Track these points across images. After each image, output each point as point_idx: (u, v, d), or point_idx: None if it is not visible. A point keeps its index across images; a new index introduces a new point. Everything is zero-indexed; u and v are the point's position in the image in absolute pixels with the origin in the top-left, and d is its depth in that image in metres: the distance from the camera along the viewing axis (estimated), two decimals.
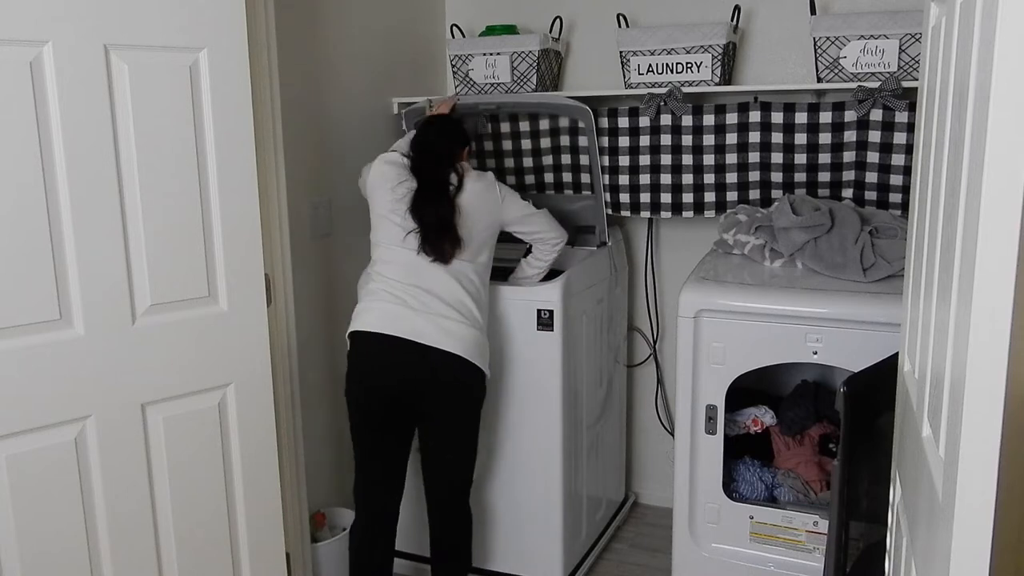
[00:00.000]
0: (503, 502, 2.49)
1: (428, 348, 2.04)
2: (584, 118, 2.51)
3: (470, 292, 2.11)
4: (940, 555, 0.84)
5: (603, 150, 2.60)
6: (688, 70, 2.50)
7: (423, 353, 2.04)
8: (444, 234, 2.06)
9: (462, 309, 2.08)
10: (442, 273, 2.08)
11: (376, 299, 2.09)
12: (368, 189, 2.18)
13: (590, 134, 2.54)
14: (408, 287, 2.07)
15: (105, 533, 1.73)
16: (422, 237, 2.06)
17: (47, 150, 1.56)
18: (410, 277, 2.08)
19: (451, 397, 2.13)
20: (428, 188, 2.09)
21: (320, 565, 2.40)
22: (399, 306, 2.06)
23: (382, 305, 2.07)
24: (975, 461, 0.75)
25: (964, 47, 0.90)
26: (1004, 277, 0.72)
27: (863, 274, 2.07)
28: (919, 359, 1.17)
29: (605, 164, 2.61)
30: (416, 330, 2.04)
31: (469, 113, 2.66)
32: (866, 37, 2.27)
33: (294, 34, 2.34)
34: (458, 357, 2.05)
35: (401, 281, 2.08)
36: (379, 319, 2.07)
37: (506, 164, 2.80)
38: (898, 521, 1.32)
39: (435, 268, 2.08)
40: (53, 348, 1.62)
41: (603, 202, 2.64)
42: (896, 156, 2.27)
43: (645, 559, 2.76)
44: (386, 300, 2.07)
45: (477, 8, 3.02)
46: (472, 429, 2.19)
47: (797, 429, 2.34)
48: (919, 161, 1.32)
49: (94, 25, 1.59)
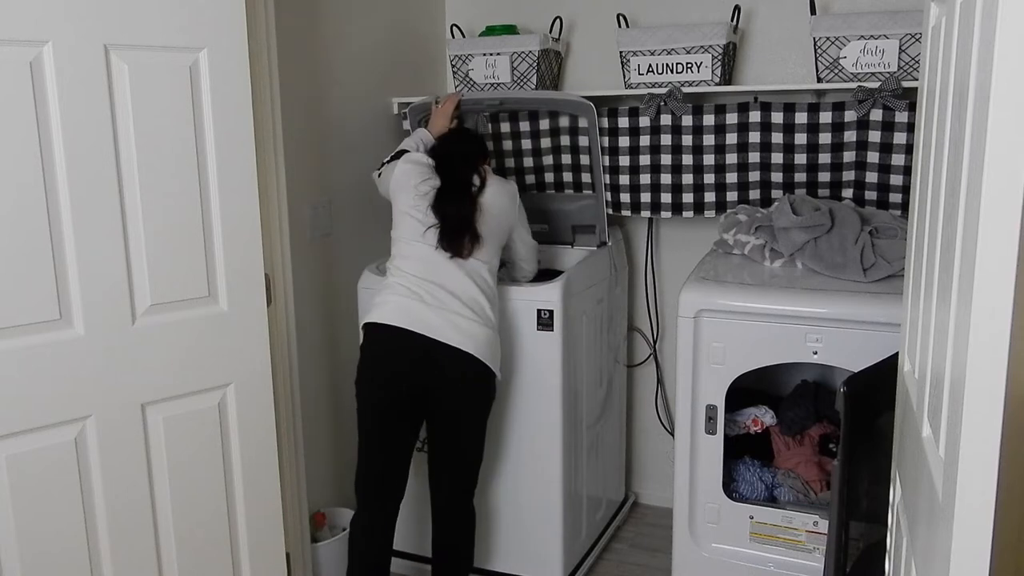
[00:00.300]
0: (503, 502, 2.49)
1: (439, 344, 2.05)
2: (586, 114, 2.51)
3: (484, 291, 2.14)
4: (940, 555, 0.84)
5: (603, 150, 2.60)
6: (688, 70, 2.50)
7: (434, 348, 2.06)
8: (463, 230, 2.12)
9: (475, 307, 2.11)
10: (457, 271, 2.11)
11: (392, 292, 2.11)
12: (392, 186, 2.21)
13: (592, 130, 2.54)
14: (424, 282, 2.09)
15: (105, 533, 1.73)
16: (441, 232, 2.11)
17: (47, 150, 1.56)
18: (427, 272, 2.10)
19: (459, 394, 2.13)
20: (451, 187, 2.15)
21: (320, 565, 2.40)
22: (414, 301, 2.08)
23: (397, 299, 2.10)
24: (975, 461, 0.75)
25: (964, 47, 0.90)
26: (1004, 277, 0.72)
27: (863, 274, 2.07)
28: (919, 359, 1.17)
29: (605, 164, 2.61)
30: (429, 325, 2.06)
31: (470, 112, 2.66)
32: (866, 37, 2.27)
33: (294, 34, 2.34)
34: (468, 355, 2.07)
35: (417, 276, 2.10)
36: (393, 312, 2.09)
37: (506, 164, 2.80)
38: (898, 521, 1.32)
39: (451, 265, 2.11)
40: (53, 348, 1.62)
41: (604, 201, 2.64)
42: (896, 156, 2.27)
43: (645, 559, 2.76)
44: (401, 294, 2.09)
45: (477, 8, 3.02)
46: (479, 429, 2.19)
47: (797, 429, 2.34)
48: (919, 161, 1.32)
49: (94, 25, 1.59)
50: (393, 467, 2.18)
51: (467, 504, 2.23)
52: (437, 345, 2.05)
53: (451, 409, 2.14)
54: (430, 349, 2.06)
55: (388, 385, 2.12)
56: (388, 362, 2.11)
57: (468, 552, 2.25)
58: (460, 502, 2.22)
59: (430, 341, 2.05)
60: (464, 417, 2.16)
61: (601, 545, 2.79)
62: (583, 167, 2.74)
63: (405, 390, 2.11)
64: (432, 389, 2.11)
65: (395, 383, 2.11)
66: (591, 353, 2.58)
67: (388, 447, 2.16)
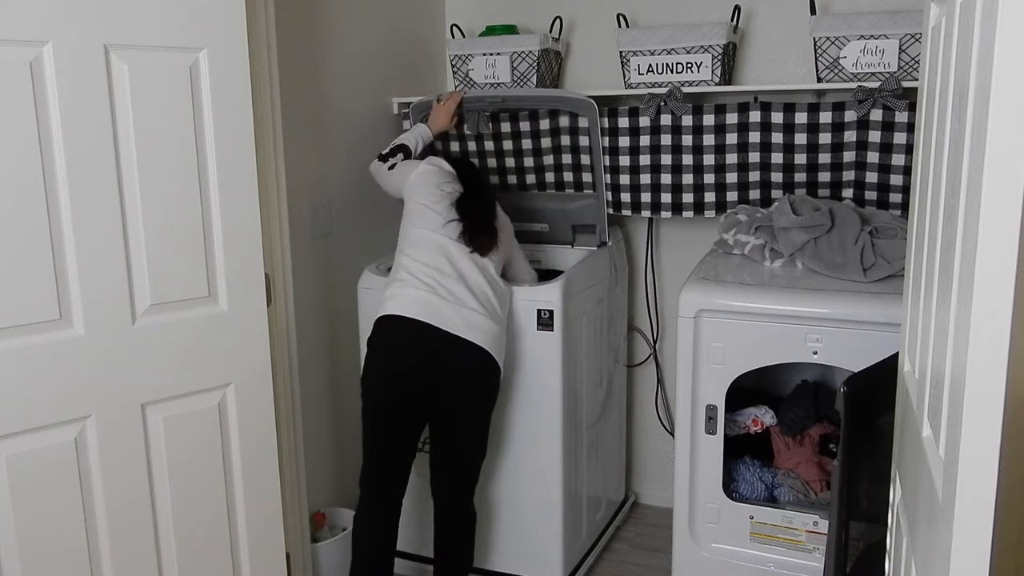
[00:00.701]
0: (503, 502, 2.49)
1: (451, 336, 2.07)
2: (588, 112, 2.52)
3: (494, 288, 2.18)
4: (940, 555, 0.84)
5: (604, 150, 2.60)
6: (688, 70, 2.50)
7: (446, 341, 2.07)
8: (485, 228, 2.20)
9: (485, 301, 2.14)
10: (472, 265, 2.15)
11: (404, 285, 2.13)
12: (411, 182, 2.26)
13: (593, 128, 2.55)
14: (435, 272, 2.12)
15: (105, 533, 1.73)
16: (464, 228, 2.17)
17: (47, 150, 1.56)
18: (441, 263, 2.13)
19: (465, 386, 2.14)
20: (475, 193, 2.26)
21: (320, 565, 2.40)
22: (428, 293, 2.10)
23: (412, 291, 2.11)
24: (975, 461, 0.75)
25: (964, 47, 0.90)
26: (1004, 277, 0.72)
27: (863, 274, 2.07)
28: (919, 359, 1.17)
29: (606, 164, 2.61)
30: (443, 317, 2.08)
31: (471, 111, 2.66)
32: (866, 37, 2.27)
33: (294, 34, 2.34)
34: (476, 346, 2.09)
35: (429, 266, 2.12)
36: (410, 304, 2.10)
37: (506, 164, 2.80)
38: (898, 521, 1.32)
39: (467, 260, 2.15)
40: (53, 348, 1.62)
41: (604, 201, 2.64)
42: (896, 156, 2.27)
43: (645, 559, 2.76)
44: (415, 286, 2.11)
45: (477, 8, 3.02)
46: (482, 426, 2.20)
47: (797, 429, 2.34)
48: (919, 161, 1.32)
49: (94, 25, 1.59)
50: (399, 464, 2.18)
51: (467, 504, 2.23)
52: (449, 337, 2.07)
53: (455, 404, 2.15)
54: (443, 343, 2.08)
55: (399, 381, 2.13)
56: (403, 356, 2.12)
57: (468, 552, 2.25)
58: (460, 502, 2.22)
59: (443, 334, 2.07)
60: (467, 412, 2.17)
61: (601, 545, 2.79)
62: (584, 167, 2.74)
63: (417, 385, 2.12)
64: (439, 383, 2.12)
65: (408, 378, 2.12)
66: (591, 353, 2.58)
67: (393, 443, 2.16)
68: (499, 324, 2.17)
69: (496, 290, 2.18)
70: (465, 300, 2.10)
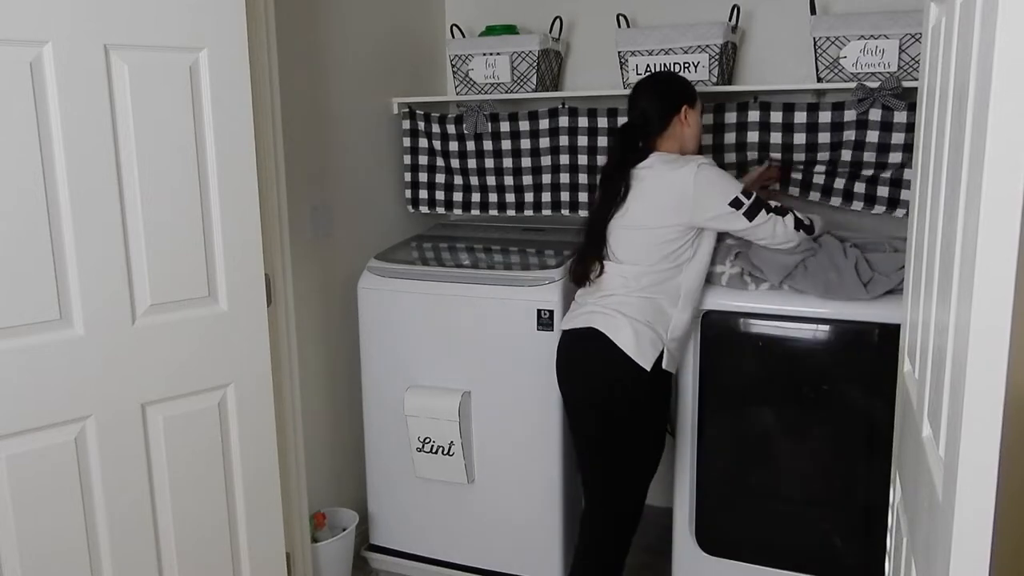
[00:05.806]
0: (503, 502, 2.49)
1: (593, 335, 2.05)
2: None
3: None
4: (940, 555, 0.84)
5: (604, 150, 2.60)
6: (686, 70, 2.50)
7: (587, 342, 2.06)
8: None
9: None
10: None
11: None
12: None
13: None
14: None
15: (105, 533, 1.73)
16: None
17: (47, 150, 1.56)
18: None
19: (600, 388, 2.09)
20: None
21: (320, 565, 2.40)
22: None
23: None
24: (975, 461, 0.75)
25: (964, 47, 0.90)
26: (1004, 277, 0.72)
27: (864, 289, 1.99)
28: (919, 359, 1.17)
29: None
30: (589, 320, 2.08)
31: (470, 110, 2.66)
32: (866, 37, 2.26)
33: (294, 34, 2.34)
34: (617, 349, 2.02)
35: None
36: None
37: (506, 164, 2.80)
38: (898, 521, 1.32)
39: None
40: (53, 348, 1.62)
41: None
42: (894, 155, 2.27)
43: (645, 559, 2.76)
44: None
45: (477, 8, 3.02)
46: (616, 433, 2.10)
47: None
48: (919, 161, 1.32)
49: (94, 25, 1.59)
50: (583, 471, 2.21)
51: (599, 515, 2.18)
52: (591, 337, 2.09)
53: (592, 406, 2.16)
54: (585, 343, 2.11)
55: (562, 388, 2.21)
56: (560, 367, 2.20)
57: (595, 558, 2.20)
58: (591, 511, 2.19)
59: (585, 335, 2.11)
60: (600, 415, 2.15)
61: None
62: (583, 167, 2.73)
63: (570, 392, 2.19)
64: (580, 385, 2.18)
65: (564, 385, 2.20)
66: None
67: (576, 448, 2.22)
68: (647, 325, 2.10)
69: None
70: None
